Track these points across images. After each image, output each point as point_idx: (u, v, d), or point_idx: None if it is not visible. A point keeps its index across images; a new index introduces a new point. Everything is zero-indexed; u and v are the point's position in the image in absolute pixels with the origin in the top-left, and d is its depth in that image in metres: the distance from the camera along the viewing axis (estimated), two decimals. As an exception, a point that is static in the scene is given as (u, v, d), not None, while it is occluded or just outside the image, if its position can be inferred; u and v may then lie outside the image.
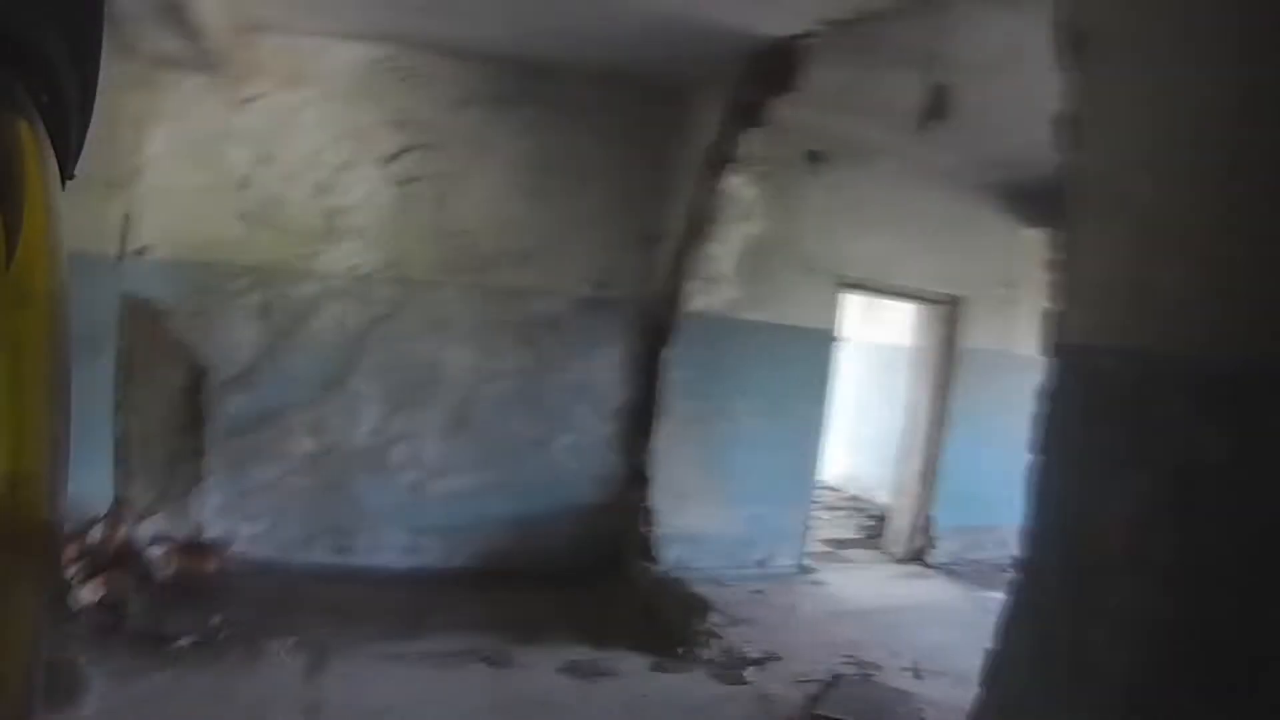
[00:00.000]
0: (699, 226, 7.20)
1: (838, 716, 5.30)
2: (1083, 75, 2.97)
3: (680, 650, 5.98)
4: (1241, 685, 2.26)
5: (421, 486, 7.30)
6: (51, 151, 0.75)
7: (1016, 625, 3.09)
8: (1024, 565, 3.10)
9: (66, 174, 0.81)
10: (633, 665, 5.81)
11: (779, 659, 6.17)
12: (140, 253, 6.54)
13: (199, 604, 5.71)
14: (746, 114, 6.66)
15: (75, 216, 0.80)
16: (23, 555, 0.74)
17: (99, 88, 0.88)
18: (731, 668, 5.91)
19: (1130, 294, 2.73)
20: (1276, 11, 2.38)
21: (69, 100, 0.79)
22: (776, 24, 5.85)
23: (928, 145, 6.17)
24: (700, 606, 6.21)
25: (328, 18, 6.55)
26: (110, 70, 0.90)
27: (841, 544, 9.79)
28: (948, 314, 9.26)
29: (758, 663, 6.06)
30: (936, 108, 5.49)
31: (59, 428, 0.78)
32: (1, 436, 0.68)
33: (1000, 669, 3.13)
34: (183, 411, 6.72)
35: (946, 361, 9.24)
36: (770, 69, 6.28)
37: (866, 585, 8.38)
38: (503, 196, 7.38)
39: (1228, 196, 2.44)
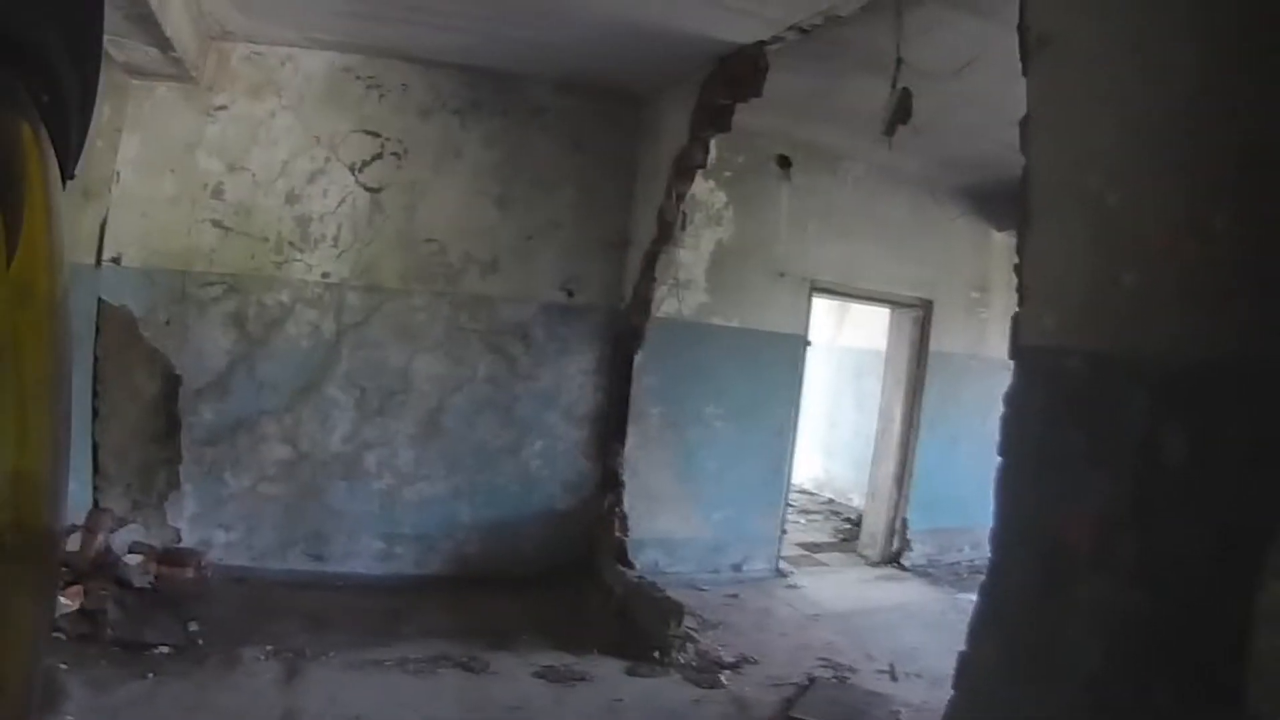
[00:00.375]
0: (668, 232, 7.21)
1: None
2: (1044, 77, 3.02)
3: (655, 654, 5.98)
4: (1207, 679, 2.29)
5: (395, 493, 7.29)
6: (52, 151, 0.75)
7: (985, 626, 3.11)
8: (991, 566, 3.12)
9: (67, 174, 0.82)
10: (607, 670, 5.82)
11: (754, 662, 6.20)
12: (114, 261, 6.53)
13: (176, 611, 5.67)
14: (714, 119, 6.67)
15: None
16: (24, 556, 0.74)
17: (99, 87, 0.88)
18: (706, 671, 5.92)
19: (1089, 294, 2.75)
20: (1232, 15, 2.42)
21: (69, 100, 0.79)
22: (741, 30, 5.89)
23: (896, 150, 6.19)
24: (674, 611, 6.19)
25: (296, 27, 6.55)
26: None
27: (816, 547, 9.85)
28: (919, 318, 9.33)
29: (733, 666, 6.09)
30: (902, 112, 5.53)
31: (60, 430, 0.78)
32: (4, 436, 0.68)
33: (970, 670, 3.14)
34: (157, 419, 6.71)
35: (918, 365, 9.31)
36: (736, 75, 6.31)
37: (842, 588, 8.42)
38: (471, 204, 7.40)
39: (1186, 197, 2.47)
